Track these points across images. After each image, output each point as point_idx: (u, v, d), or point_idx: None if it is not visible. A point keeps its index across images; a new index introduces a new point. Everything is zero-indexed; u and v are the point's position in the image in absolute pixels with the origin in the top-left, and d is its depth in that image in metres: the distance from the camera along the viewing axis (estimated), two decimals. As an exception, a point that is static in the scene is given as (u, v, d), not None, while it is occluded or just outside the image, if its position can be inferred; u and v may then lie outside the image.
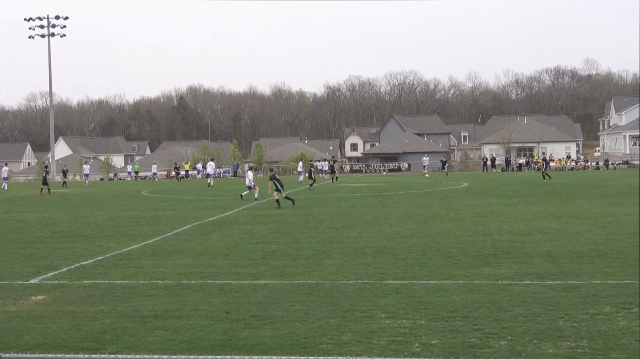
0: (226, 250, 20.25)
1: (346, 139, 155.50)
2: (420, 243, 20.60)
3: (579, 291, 13.60)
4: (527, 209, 29.91)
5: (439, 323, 11.48)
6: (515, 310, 12.16)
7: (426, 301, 12.99)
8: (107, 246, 21.63)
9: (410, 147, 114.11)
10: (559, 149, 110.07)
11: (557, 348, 10.01)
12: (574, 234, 21.85)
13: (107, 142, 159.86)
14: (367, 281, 15.09)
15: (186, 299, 13.72)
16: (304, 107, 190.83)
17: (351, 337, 10.76)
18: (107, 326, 11.76)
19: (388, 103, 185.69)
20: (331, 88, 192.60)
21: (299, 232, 24.07)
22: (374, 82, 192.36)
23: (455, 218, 27.21)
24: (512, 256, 17.95)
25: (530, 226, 24.15)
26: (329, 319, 11.89)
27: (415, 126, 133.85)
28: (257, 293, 14.15)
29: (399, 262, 17.42)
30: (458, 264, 16.94)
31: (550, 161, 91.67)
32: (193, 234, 24.14)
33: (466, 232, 22.92)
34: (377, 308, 12.54)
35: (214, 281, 15.61)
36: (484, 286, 14.27)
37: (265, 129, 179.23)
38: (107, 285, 15.45)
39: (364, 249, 19.65)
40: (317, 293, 13.99)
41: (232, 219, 29.31)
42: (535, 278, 15.04)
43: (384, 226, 25.11)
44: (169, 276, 16.40)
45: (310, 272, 16.42)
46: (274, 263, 17.80)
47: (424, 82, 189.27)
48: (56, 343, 10.85)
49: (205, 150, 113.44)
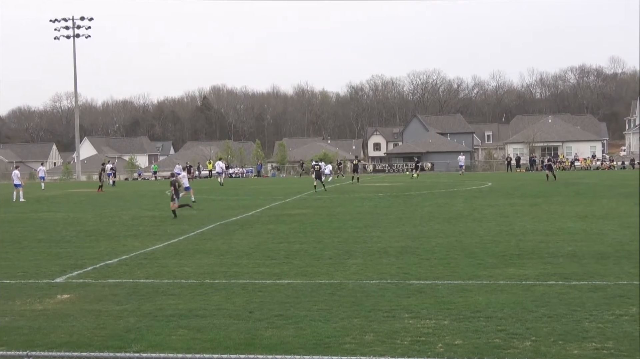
0: (249, 249, 20.31)
1: (369, 138, 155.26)
2: (444, 243, 20.52)
3: (604, 291, 13.48)
4: (552, 209, 29.68)
5: (462, 323, 11.43)
6: (540, 311, 12.08)
7: (450, 301, 12.94)
8: (132, 246, 21.78)
9: (433, 147, 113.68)
10: (584, 149, 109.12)
11: (583, 349, 9.92)
12: (600, 234, 21.65)
13: (131, 142, 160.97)
14: (390, 281, 15.06)
15: (210, 299, 13.79)
16: (326, 106, 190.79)
17: (374, 337, 10.75)
18: (131, 325, 11.85)
19: (411, 102, 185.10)
20: (354, 88, 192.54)
21: (322, 231, 24.08)
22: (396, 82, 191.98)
23: (479, 218, 27.06)
24: (536, 256, 17.82)
25: (555, 226, 23.96)
26: (352, 319, 11.88)
27: (439, 126, 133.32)
28: (280, 293, 14.18)
29: (423, 262, 17.37)
30: (482, 264, 16.86)
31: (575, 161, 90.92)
32: (216, 234, 24.24)
33: (490, 232, 22.80)
34: (400, 308, 12.52)
35: (237, 280, 15.67)
36: (508, 287, 14.19)
37: (288, 128, 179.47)
38: (132, 284, 15.56)
39: (387, 249, 19.61)
40: (340, 293, 13.99)
41: (255, 218, 29.38)
42: (560, 278, 14.93)
43: (407, 226, 25.04)
44: (192, 275, 16.49)
45: (333, 272, 16.42)
46: (297, 263, 17.82)
47: (447, 81, 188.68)
48: (81, 341, 10.95)
49: (229, 150, 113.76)
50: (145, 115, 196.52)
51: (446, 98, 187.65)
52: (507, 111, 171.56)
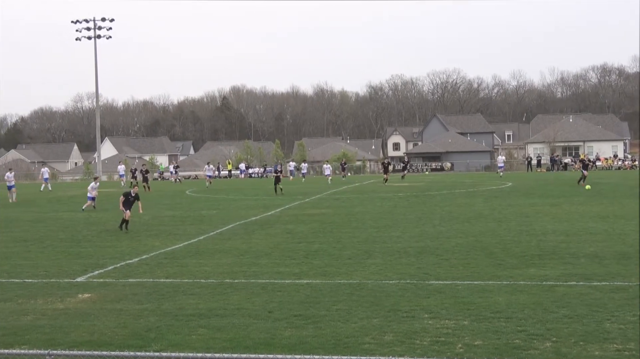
0: (269, 249, 20.36)
1: (388, 138, 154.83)
2: (464, 243, 20.45)
3: (626, 292, 13.37)
4: (573, 209, 29.46)
5: (482, 323, 11.39)
6: (561, 311, 12.01)
7: (469, 302, 12.90)
8: (152, 245, 21.90)
9: (453, 147, 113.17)
10: (605, 148, 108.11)
11: (604, 350, 9.85)
12: (621, 234, 21.46)
13: (151, 142, 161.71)
14: (410, 281, 15.04)
15: (229, 298, 13.84)
16: (346, 106, 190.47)
17: (393, 337, 10.74)
18: (152, 324, 11.92)
19: (431, 102, 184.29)
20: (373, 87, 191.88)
21: (341, 231, 24.07)
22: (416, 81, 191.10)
23: (499, 218, 26.93)
24: (557, 256, 17.71)
25: (575, 226, 23.79)
26: (371, 319, 11.88)
27: (459, 125, 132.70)
28: (299, 293, 14.20)
29: (442, 263, 17.32)
30: (502, 265, 16.78)
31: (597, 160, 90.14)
32: (236, 234, 24.31)
33: (510, 232, 22.68)
34: (419, 308, 12.50)
35: (256, 280, 15.71)
36: (528, 287, 14.12)
37: (307, 128, 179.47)
38: (152, 284, 15.66)
39: (407, 249, 19.58)
40: (359, 293, 13.99)
41: (275, 218, 29.43)
42: (581, 279, 14.83)
43: (427, 226, 24.97)
44: (212, 274, 16.56)
45: (353, 272, 16.42)
46: (316, 263, 17.84)
47: (467, 80, 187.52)
48: (102, 340, 11.03)
49: (248, 150, 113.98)
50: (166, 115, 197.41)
51: (466, 98, 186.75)
52: (528, 111, 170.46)
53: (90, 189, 35.71)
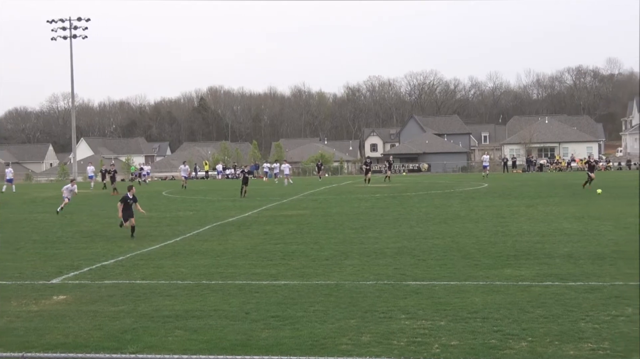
0: (246, 251, 20.31)
1: (366, 139, 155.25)
2: (441, 244, 20.54)
3: (600, 292, 13.50)
4: (548, 210, 29.70)
5: (459, 324, 11.44)
6: (536, 311, 12.10)
7: (446, 302, 12.96)
8: (128, 247, 21.76)
9: (430, 148, 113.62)
10: (580, 150, 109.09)
11: (579, 349, 9.94)
12: (596, 235, 21.67)
13: (128, 143, 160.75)
14: (387, 282, 15.08)
15: (206, 300, 13.79)
16: (323, 107, 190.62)
17: (371, 338, 10.75)
18: (127, 326, 11.84)
19: (408, 103, 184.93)
20: (351, 89, 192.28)
21: (318, 233, 24.08)
22: (394, 83, 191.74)
23: (476, 219, 27.08)
24: (533, 257, 17.85)
25: (551, 226, 23.98)
26: (348, 319, 11.89)
27: (436, 126, 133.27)
28: (277, 294, 14.18)
29: (419, 263, 17.38)
30: (478, 265, 16.88)
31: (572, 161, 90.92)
32: (213, 235, 24.23)
33: (487, 233, 22.82)
34: (396, 309, 12.53)
35: (233, 281, 15.67)
36: (504, 287, 14.21)
37: (285, 129, 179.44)
38: (128, 285, 15.56)
39: (384, 250, 19.63)
40: (336, 294, 14.00)
41: (252, 219, 29.37)
42: (557, 279, 14.95)
43: (404, 227, 25.05)
44: (189, 276, 16.49)
45: (330, 273, 16.43)
46: (294, 264, 17.83)
47: (444, 82, 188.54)
48: (77, 342, 10.94)
49: (226, 151, 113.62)
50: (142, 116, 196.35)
51: (443, 99, 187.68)
52: (504, 112, 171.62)
53: (64, 190, 35.24)
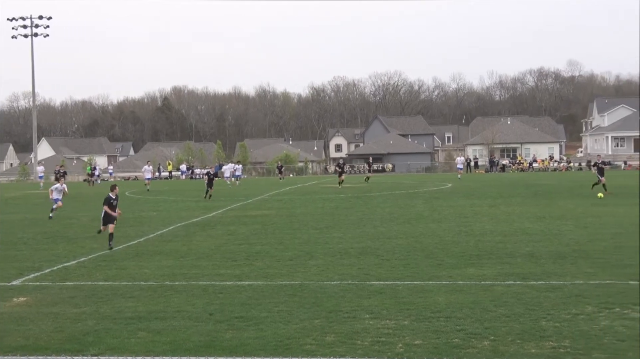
0: (210, 251, 20.22)
1: (330, 139, 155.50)
2: (404, 244, 20.65)
3: (561, 291, 13.69)
4: (511, 210, 30.03)
5: (422, 323, 11.52)
6: (498, 310, 12.22)
7: (410, 302, 13.03)
8: (90, 247, 21.53)
9: (394, 148, 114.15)
10: (542, 150, 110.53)
11: (540, 347, 10.07)
12: (557, 234, 21.97)
13: (90, 142, 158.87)
14: (351, 282, 15.11)
15: (169, 301, 13.69)
16: (288, 108, 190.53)
17: (335, 338, 10.77)
18: (89, 328, 11.71)
19: (372, 104, 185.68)
20: (316, 89, 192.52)
21: (282, 233, 24.06)
22: (358, 83, 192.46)
23: (439, 219, 27.28)
24: (495, 256, 18.03)
25: (513, 226, 24.25)
26: (312, 320, 11.90)
27: (400, 127, 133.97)
28: (241, 294, 14.14)
29: (383, 263, 17.46)
30: (442, 265, 17.00)
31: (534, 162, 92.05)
32: (176, 235, 24.07)
33: (450, 233, 23.00)
34: (360, 309, 12.57)
35: (197, 282, 15.59)
36: (467, 287, 14.33)
37: (249, 129, 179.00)
38: (90, 286, 15.39)
39: (348, 250, 19.67)
40: (300, 294, 14.00)
41: (216, 220, 29.24)
42: (518, 278, 15.12)
43: (368, 227, 25.14)
44: (152, 277, 16.36)
45: (294, 273, 16.42)
46: (258, 264, 17.79)
47: (409, 83, 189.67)
48: (38, 344, 10.78)
49: (189, 151, 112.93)
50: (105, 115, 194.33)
51: (407, 100, 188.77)
52: (467, 113, 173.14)
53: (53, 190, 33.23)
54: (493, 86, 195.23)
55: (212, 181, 42.20)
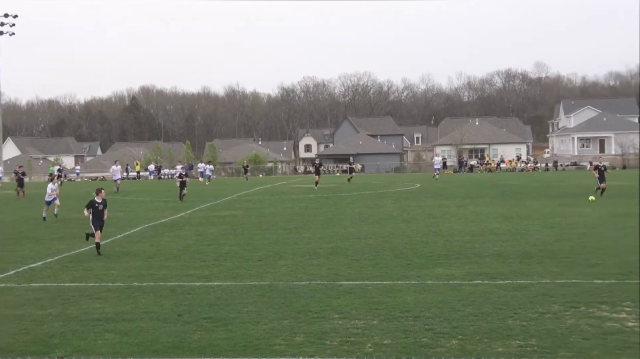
0: (178, 252, 20.10)
1: (300, 140, 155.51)
2: (374, 244, 20.70)
3: (528, 290, 13.83)
4: (479, 210, 30.27)
5: (391, 323, 11.55)
6: (466, 310, 12.31)
7: (379, 302, 13.07)
8: (57, 248, 21.29)
9: (363, 149, 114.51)
10: (509, 151, 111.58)
11: (507, 346, 10.16)
12: (524, 234, 22.19)
13: (57, 142, 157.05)
14: (320, 282, 15.12)
15: (137, 302, 13.58)
16: (258, 108, 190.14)
17: (304, 338, 10.77)
18: (56, 330, 11.57)
19: (342, 104, 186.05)
20: (285, 89, 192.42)
21: (251, 233, 24.00)
22: (328, 84, 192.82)
23: (408, 219, 27.40)
24: (463, 256, 18.15)
25: (481, 226, 24.44)
26: (281, 320, 11.88)
27: (369, 127, 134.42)
28: (210, 295, 14.07)
29: (352, 263, 17.48)
30: (410, 265, 17.08)
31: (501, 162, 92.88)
32: (144, 236, 23.89)
33: (419, 233, 23.11)
34: (330, 309, 12.58)
35: (165, 283, 15.48)
36: (435, 286, 14.41)
37: (219, 129, 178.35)
38: (57, 288, 15.21)
39: (317, 250, 19.68)
40: (270, 294, 13.97)
41: (185, 220, 29.08)
42: (486, 277, 15.24)
43: (338, 227, 25.17)
44: (119, 278, 16.22)
45: (263, 273, 16.39)
46: (227, 265, 17.72)
47: (378, 84, 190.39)
48: (2, 347, 10.63)
49: (158, 151, 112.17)
50: (72, 115, 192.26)
51: (377, 100, 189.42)
52: (436, 114, 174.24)
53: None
54: (461, 87, 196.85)
55: (185, 182, 41.01)
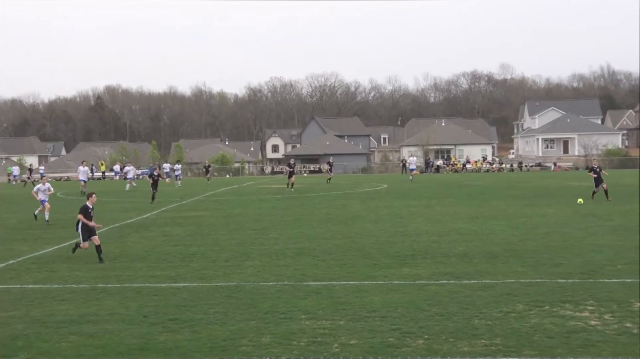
0: (144, 253, 19.94)
1: (267, 140, 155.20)
2: (341, 244, 20.74)
3: (493, 290, 13.95)
4: (445, 211, 30.48)
5: (358, 323, 11.58)
6: (433, 309, 12.39)
7: (346, 302, 13.10)
8: (20, 250, 20.98)
9: (331, 149, 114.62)
10: (475, 152, 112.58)
11: (472, 346, 10.24)
12: (489, 234, 22.39)
13: (20, 142, 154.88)
14: (288, 283, 15.11)
15: (102, 303, 13.45)
16: (225, 108, 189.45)
17: (271, 339, 10.75)
18: (19, 332, 11.41)
19: (309, 105, 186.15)
20: (252, 89, 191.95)
21: (218, 234, 23.90)
22: (295, 84, 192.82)
23: (375, 219, 27.50)
24: (429, 256, 18.26)
25: (447, 226, 24.62)
26: (248, 321, 11.85)
27: (336, 128, 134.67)
28: (176, 296, 13.99)
29: (319, 264, 17.50)
30: (377, 265, 17.14)
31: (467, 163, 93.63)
32: (110, 237, 23.64)
33: (386, 233, 23.20)
34: (297, 309, 12.57)
35: (131, 284, 15.35)
36: (402, 286, 14.48)
37: (185, 130, 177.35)
38: (20, 290, 15.00)
39: (285, 251, 19.66)
40: (236, 295, 13.93)
41: (151, 221, 28.86)
42: (452, 277, 15.35)
43: (305, 227, 25.17)
44: (84, 279, 16.04)
45: (230, 274, 16.33)
46: (193, 265, 17.63)
47: (345, 84, 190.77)
48: (-36, 350, 10.46)
49: (123, 151, 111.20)
50: (36, 114, 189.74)
51: (344, 101, 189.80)
52: (403, 114, 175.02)
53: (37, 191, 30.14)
54: (428, 88, 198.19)
55: (157, 182, 39.18)
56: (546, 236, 21.64)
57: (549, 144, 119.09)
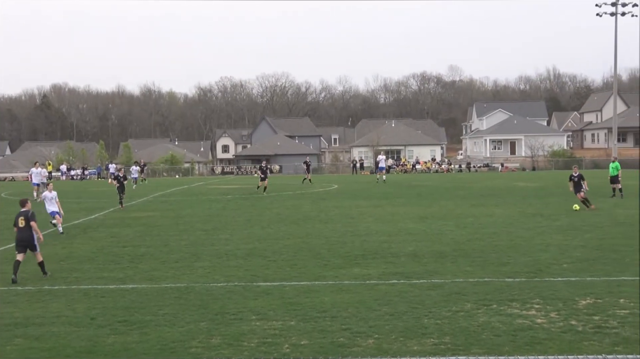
0: (92, 254, 19.66)
1: (217, 140, 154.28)
2: (291, 244, 20.74)
3: (442, 289, 14.12)
4: (394, 211, 30.70)
5: (308, 323, 11.60)
6: (383, 309, 12.47)
7: (296, 302, 13.11)
8: (-38, 252, 20.48)
9: (281, 150, 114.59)
10: (424, 152, 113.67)
11: (422, 344, 10.34)
12: (438, 234, 22.64)
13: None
14: (238, 283, 15.05)
15: (48, 306, 13.22)
16: (174, 108, 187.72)
17: (221, 340, 10.70)
18: (-39, 336, 11.14)
19: (260, 105, 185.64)
20: (202, 89, 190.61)
21: (168, 234, 23.68)
22: (245, 84, 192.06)
23: (326, 219, 27.56)
24: (379, 256, 18.38)
25: (397, 226, 24.80)
26: (198, 322, 11.77)
27: (287, 128, 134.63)
28: (124, 298, 13.82)
29: (270, 264, 17.48)
30: (328, 265, 17.18)
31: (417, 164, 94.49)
32: (56, 239, 23.25)
33: (336, 233, 23.27)
34: (247, 310, 12.54)
35: (78, 286, 15.12)
36: (352, 286, 14.55)
37: (134, 129, 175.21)
38: (-38, 293, 14.64)
39: (235, 252, 19.58)
40: (186, 297, 13.83)
41: (99, 222, 28.45)
42: (402, 277, 15.48)
43: (256, 228, 25.10)
44: (30, 281, 15.75)
45: (180, 275, 16.20)
46: (142, 267, 17.44)
47: (296, 84, 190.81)
48: None
49: (70, 151, 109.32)
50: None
51: (295, 101, 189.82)
52: (353, 115, 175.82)
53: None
54: (378, 89, 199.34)
55: (124, 184, 36.11)
56: (494, 235, 21.97)
57: (496, 145, 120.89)
